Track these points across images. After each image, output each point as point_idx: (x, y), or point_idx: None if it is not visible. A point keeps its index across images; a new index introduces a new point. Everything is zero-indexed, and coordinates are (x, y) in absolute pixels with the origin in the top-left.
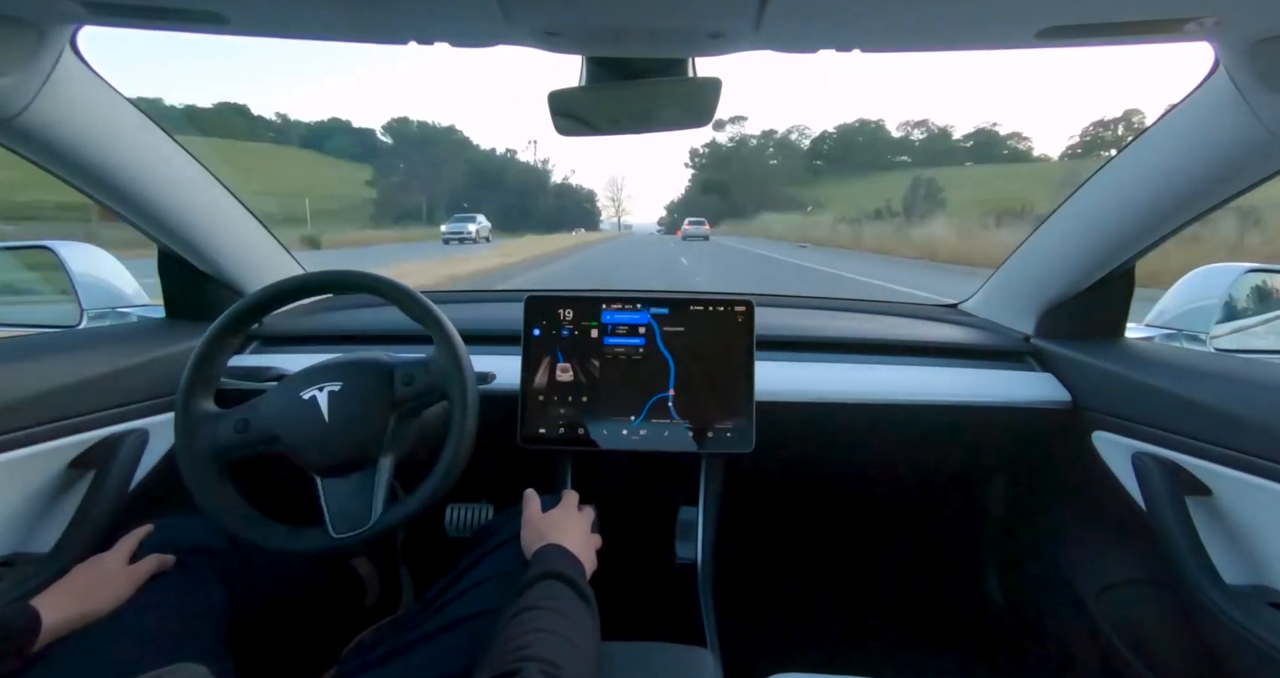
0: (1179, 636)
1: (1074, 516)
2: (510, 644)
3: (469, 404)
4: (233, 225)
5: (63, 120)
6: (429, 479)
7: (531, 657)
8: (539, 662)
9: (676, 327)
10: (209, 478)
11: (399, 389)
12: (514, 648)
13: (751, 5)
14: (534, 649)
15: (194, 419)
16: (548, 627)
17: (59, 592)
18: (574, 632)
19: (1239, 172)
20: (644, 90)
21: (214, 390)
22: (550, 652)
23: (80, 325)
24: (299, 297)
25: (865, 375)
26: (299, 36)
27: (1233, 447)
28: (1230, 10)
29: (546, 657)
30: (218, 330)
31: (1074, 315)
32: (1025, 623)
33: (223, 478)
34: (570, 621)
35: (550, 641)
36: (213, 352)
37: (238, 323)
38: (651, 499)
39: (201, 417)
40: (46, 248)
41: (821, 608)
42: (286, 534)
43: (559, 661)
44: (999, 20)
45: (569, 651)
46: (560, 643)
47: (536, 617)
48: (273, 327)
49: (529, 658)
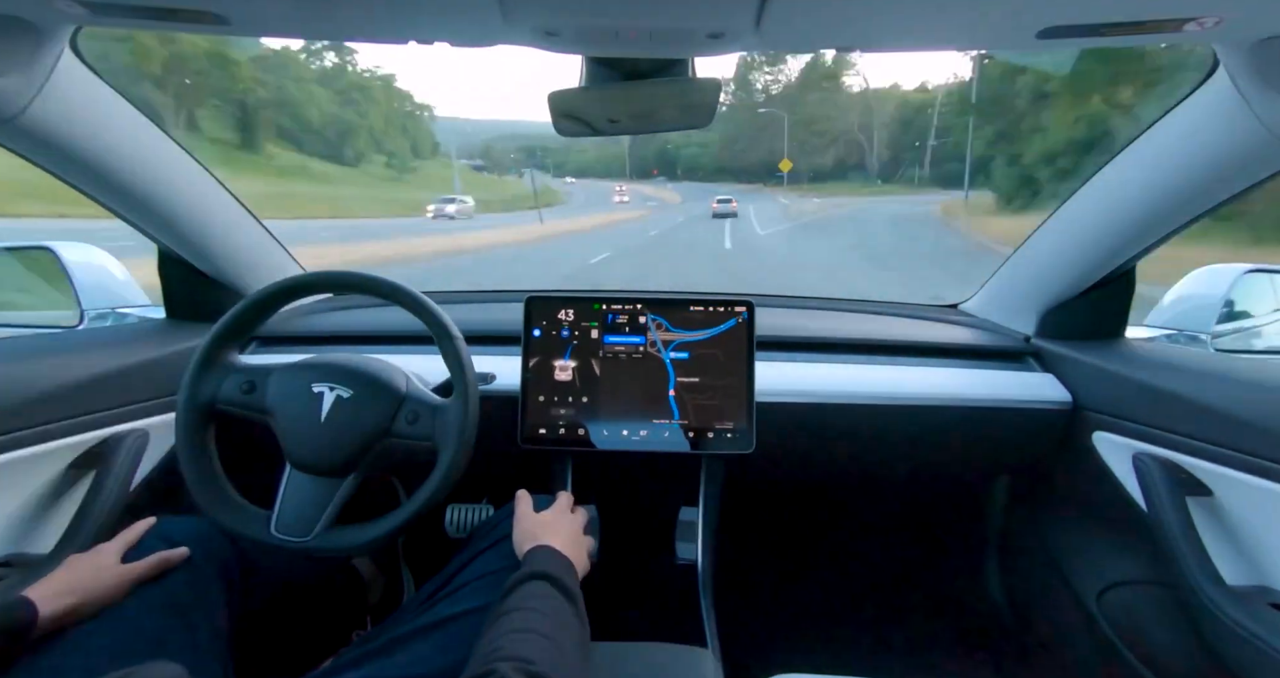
0: (1179, 636)
1: (1074, 516)
2: (489, 647)
3: (460, 457)
4: (233, 225)
5: (63, 120)
6: (389, 516)
7: (506, 657)
8: (513, 660)
9: (676, 327)
10: (196, 426)
11: (399, 423)
12: (491, 649)
13: (751, 5)
14: (510, 649)
15: (208, 369)
16: (527, 627)
17: (53, 584)
18: (556, 631)
19: (1239, 172)
20: (644, 91)
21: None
22: (527, 650)
23: (80, 326)
24: (299, 296)
25: (865, 376)
26: (299, 36)
27: (1233, 447)
28: (1230, 10)
29: (522, 655)
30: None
31: (1074, 316)
32: (1025, 623)
33: (207, 428)
34: (552, 620)
35: (528, 640)
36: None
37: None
38: (651, 500)
39: (217, 366)
40: (46, 248)
41: (821, 608)
42: (232, 512)
43: (534, 657)
44: (1000, 20)
45: (548, 648)
46: (539, 641)
47: (517, 618)
48: (272, 327)
49: (503, 658)
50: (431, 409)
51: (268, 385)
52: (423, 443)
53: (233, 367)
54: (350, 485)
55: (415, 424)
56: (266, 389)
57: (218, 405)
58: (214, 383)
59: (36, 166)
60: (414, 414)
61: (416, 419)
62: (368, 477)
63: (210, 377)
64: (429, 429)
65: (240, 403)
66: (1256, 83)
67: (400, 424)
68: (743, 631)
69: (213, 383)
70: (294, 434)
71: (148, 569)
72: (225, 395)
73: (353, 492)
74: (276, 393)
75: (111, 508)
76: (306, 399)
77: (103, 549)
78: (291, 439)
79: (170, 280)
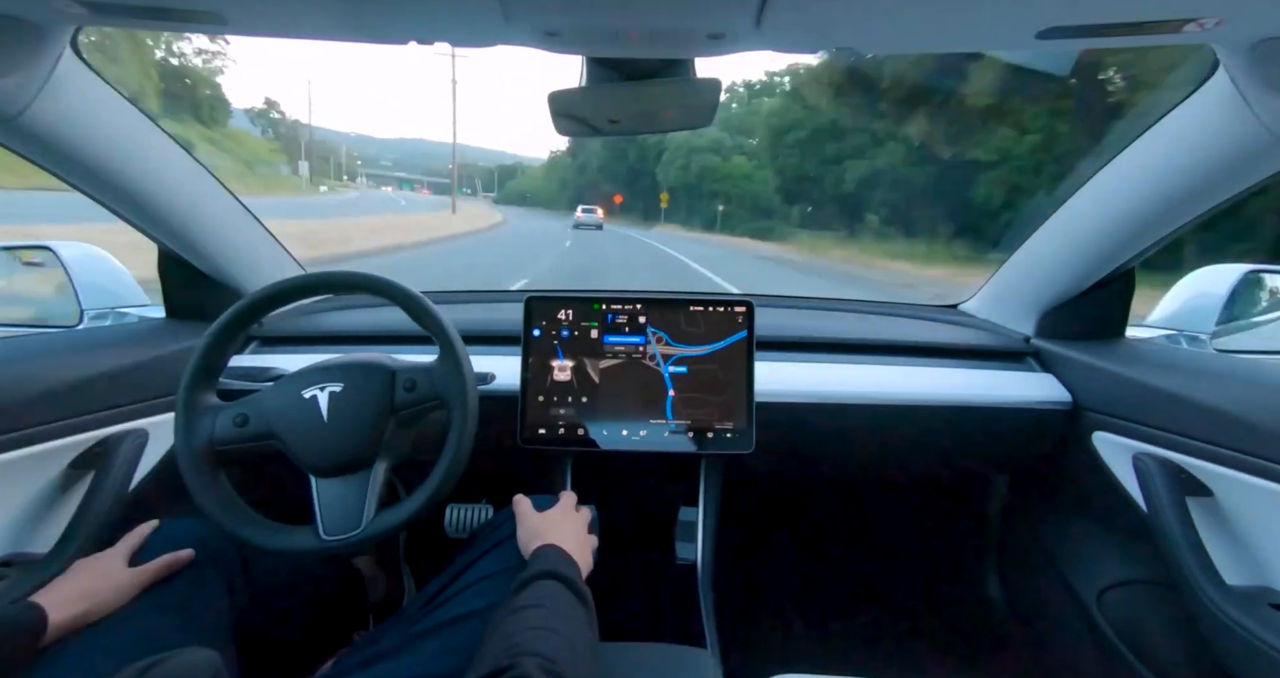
0: (1179, 636)
1: (1074, 516)
2: (507, 640)
3: (469, 410)
4: (233, 225)
5: (63, 120)
6: (424, 486)
7: (529, 652)
8: (536, 657)
9: (678, 341)
10: (204, 471)
11: (400, 394)
12: (510, 644)
13: (752, 5)
14: (531, 645)
15: (194, 412)
16: (544, 625)
17: (60, 590)
18: (571, 630)
19: (1239, 172)
20: (644, 91)
21: (215, 387)
22: (548, 648)
23: (80, 325)
24: (299, 296)
25: (865, 376)
26: (299, 36)
27: (1233, 447)
28: (1230, 11)
29: (544, 653)
30: (219, 329)
31: (1074, 316)
32: (1025, 623)
33: (217, 471)
34: (567, 619)
35: (548, 638)
36: (215, 350)
37: (239, 322)
38: (651, 499)
39: (202, 409)
40: (46, 248)
41: (821, 608)
42: (276, 533)
43: (556, 657)
44: (1000, 20)
45: (566, 648)
46: (557, 640)
47: (533, 615)
48: (272, 327)
49: (526, 653)
50: (425, 371)
51: (259, 409)
52: (430, 403)
53: (217, 407)
54: (380, 473)
55: (415, 390)
56: (259, 413)
57: (217, 447)
58: (206, 425)
59: (37, 166)
60: (410, 382)
61: (414, 385)
62: (397, 457)
63: (200, 420)
64: (429, 389)
65: (238, 438)
66: (1256, 83)
67: (400, 395)
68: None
69: (205, 426)
70: (303, 445)
71: (156, 572)
72: (221, 435)
73: (387, 478)
74: (270, 411)
75: (111, 508)
76: (302, 407)
77: (110, 554)
78: (303, 450)
79: (170, 280)
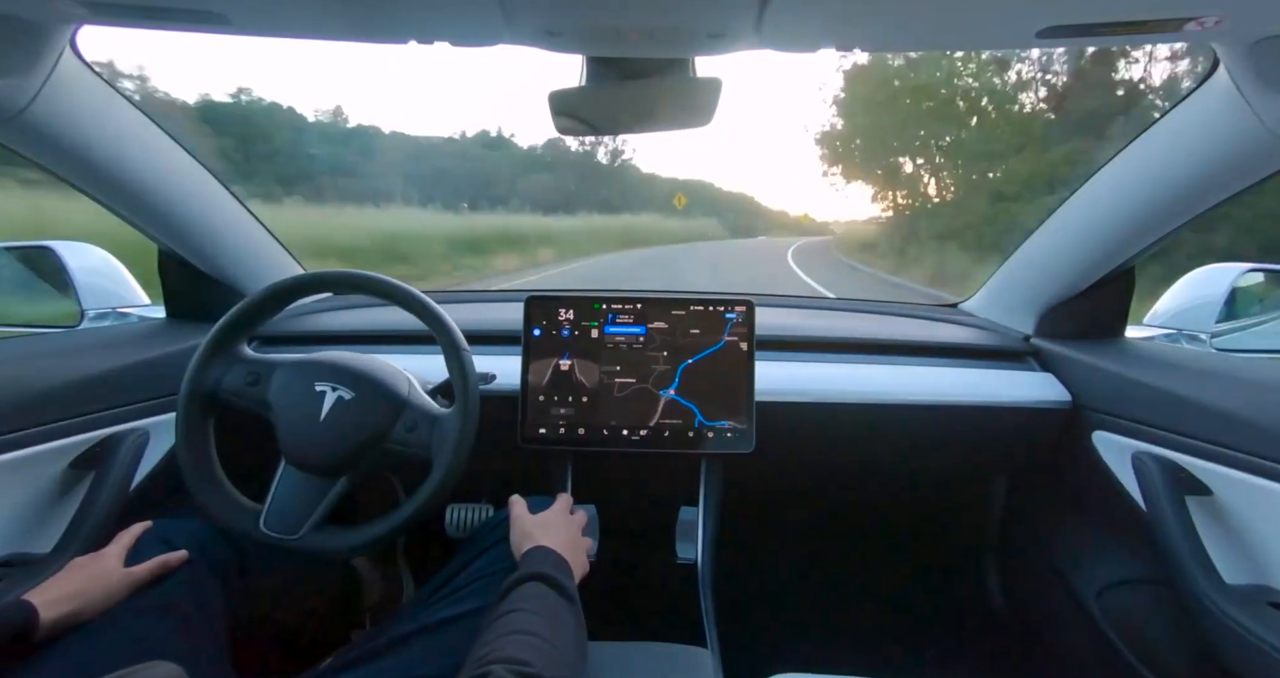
0: (1179, 636)
1: (1074, 515)
2: (483, 649)
3: (449, 472)
4: (233, 225)
5: (63, 120)
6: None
7: (501, 659)
8: (508, 662)
9: (677, 326)
10: (195, 415)
11: (398, 430)
12: (486, 652)
13: (752, 5)
14: (505, 651)
15: (216, 354)
16: (524, 628)
17: (52, 588)
18: (552, 631)
19: (1239, 172)
20: (644, 90)
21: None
22: (522, 651)
23: (80, 326)
24: (299, 296)
25: (865, 375)
26: (299, 36)
27: (1233, 447)
28: (1230, 10)
29: (517, 656)
30: (275, 288)
31: (1074, 315)
32: (1025, 623)
33: (208, 418)
34: (548, 621)
35: (524, 641)
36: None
37: (296, 290)
38: (651, 499)
39: (224, 355)
40: (47, 248)
41: (821, 608)
42: (224, 504)
43: (530, 658)
44: (999, 20)
45: (544, 649)
46: (534, 642)
47: (514, 619)
48: (272, 327)
49: (497, 660)
50: (431, 420)
51: (272, 379)
52: (418, 453)
53: (240, 357)
54: (342, 487)
55: (413, 433)
56: (270, 383)
57: (220, 395)
58: (219, 371)
59: (37, 166)
60: (413, 423)
61: (415, 428)
62: (362, 479)
63: (217, 365)
64: (426, 439)
65: (243, 394)
66: (1257, 83)
67: (398, 431)
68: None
69: (218, 371)
70: (292, 431)
71: (149, 573)
72: (229, 385)
73: (344, 493)
74: (279, 388)
75: (111, 508)
76: (308, 397)
77: (104, 554)
78: (289, 436)
79: (171, 280)
